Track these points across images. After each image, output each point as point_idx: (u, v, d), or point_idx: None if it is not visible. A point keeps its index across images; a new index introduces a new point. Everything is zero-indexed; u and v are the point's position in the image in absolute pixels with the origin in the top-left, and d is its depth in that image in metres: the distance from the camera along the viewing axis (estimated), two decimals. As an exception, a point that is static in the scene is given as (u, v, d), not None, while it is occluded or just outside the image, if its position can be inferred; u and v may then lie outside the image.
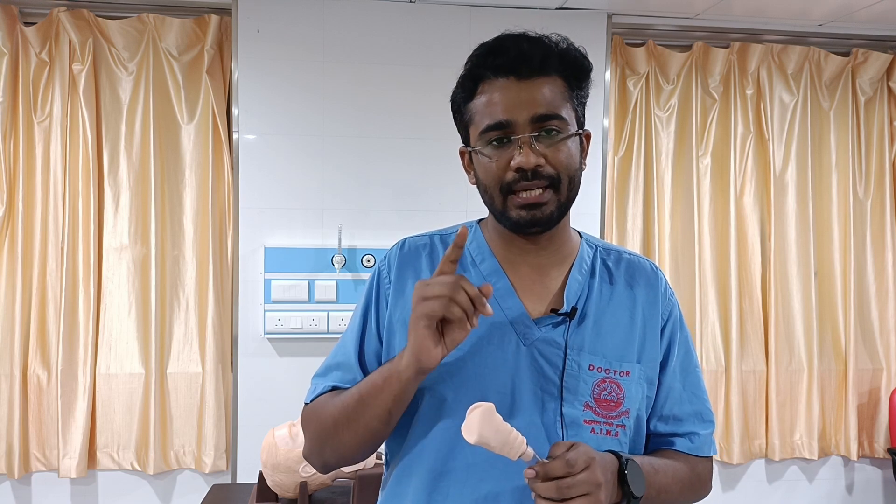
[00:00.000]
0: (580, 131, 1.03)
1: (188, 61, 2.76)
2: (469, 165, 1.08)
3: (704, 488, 1.13)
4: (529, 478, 0.88)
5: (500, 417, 0.88)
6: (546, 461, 0.88)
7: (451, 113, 1.09)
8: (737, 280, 3.03)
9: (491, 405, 0.88)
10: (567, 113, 1.01)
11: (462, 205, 2.77)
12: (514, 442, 0.87)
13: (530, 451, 0.89)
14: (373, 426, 1.00)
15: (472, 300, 0.90)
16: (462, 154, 1.10)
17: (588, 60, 1.05)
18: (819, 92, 3.13)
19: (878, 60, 3.11)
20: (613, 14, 2.87)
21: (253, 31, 2.67)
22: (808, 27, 3.04)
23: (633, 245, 3.02)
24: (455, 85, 1.07)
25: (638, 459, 0.97)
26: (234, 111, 2.69)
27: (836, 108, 3.14)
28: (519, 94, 0.98)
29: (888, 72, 3.16)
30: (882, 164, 3.18)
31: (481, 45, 1.03)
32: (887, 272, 3.18)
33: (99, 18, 2.70)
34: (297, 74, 2.71)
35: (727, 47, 3.03)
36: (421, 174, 2.78)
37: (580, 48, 1.05)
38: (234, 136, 2.69)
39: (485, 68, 1.01)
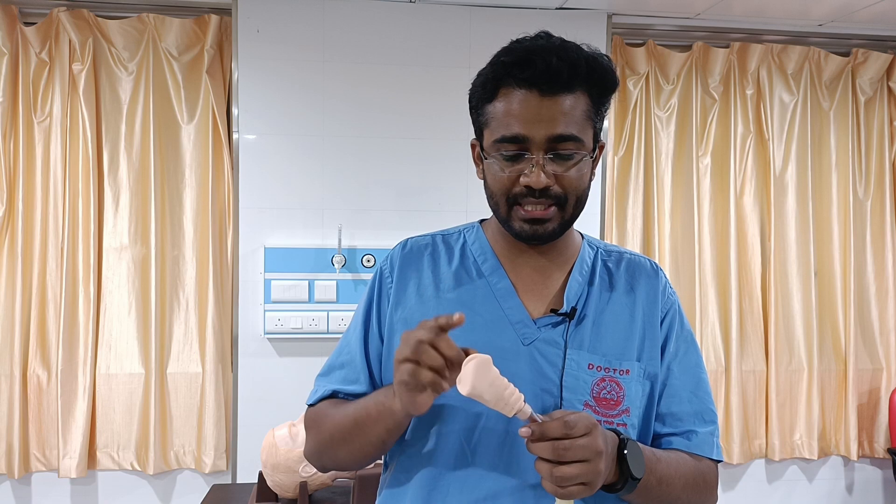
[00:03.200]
0: (593, 155, 1.02)
1: (188, 61, 2.76)
2: (478, 159, 1.08)
3: (710, 493, 1.08)
4: (525, 436, 0.85)
5: (497, 371, 0.85)
6: (544, 420, 0.85)
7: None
8: (737, 280, 3.03)
9: (488, 357, 0.85)
10: (585, 133, 0.99)
11: (462, 205, 2.77)
12: (509, 398, 0.84)
13: (528, 408, 0.85)
14: (367, 449, 1.02)
15: (445, 359, 0.86)
16: (473, 146, 1.10)
17: (615, 75, 1.02)
18: (819, 92, 3.13)
19: (878, 60, 3.11)
20: (613, 14, 2.87)
21: (253, 31, 2.67)
22: (808, 27, 3.04)
23: (633, 245, 3.02)
24: (474, 78, 1.04)
25: (639, 445, 0.96)
26: (234, 111, 2.69)
27: (836, 108, 3.14)
28: (539, 111, 0.96)
29: (888, 72, 3.16)
30: (882, 164, 3.18)
31: (509, 51, 0.98)
32: (887, 272, 3.18)
33: (99, 18, 2.70)
34: (297, 74, 2.71)
35: (727, 47, 3.03)
36: (421, 174, 2.78)
37: (608, 60, 1.01)
38: (234, 136, 2.69)
39: (509, 77, 0.97)
